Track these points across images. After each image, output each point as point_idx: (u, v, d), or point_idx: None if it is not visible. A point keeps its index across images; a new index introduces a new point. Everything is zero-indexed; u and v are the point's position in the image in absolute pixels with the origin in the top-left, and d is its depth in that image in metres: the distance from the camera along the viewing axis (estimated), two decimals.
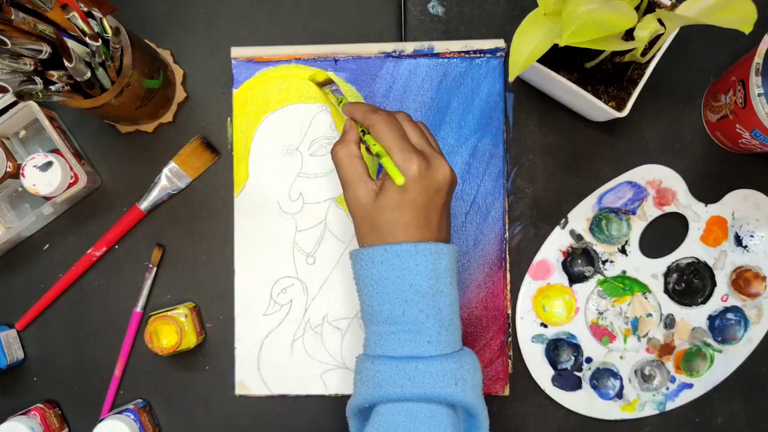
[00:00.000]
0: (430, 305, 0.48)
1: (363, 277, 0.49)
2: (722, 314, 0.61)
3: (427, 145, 0.50)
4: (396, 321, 0.48)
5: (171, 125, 0.64)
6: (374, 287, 0.49)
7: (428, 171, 0.48)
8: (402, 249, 0.48)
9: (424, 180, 0.48)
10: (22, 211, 0.64)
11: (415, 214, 0.48)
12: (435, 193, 0.49)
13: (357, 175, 0.50)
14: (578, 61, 0.55)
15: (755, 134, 0.54)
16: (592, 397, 0.61)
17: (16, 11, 0.46)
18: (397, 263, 0.48)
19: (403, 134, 0.49)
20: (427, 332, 0.48)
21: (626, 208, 0.61)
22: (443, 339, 0.48)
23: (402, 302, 0.48)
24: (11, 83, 0.49)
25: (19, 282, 0.64)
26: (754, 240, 0.61)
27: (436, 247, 0.48)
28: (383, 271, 0.48)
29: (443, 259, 0.49)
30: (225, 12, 0.64)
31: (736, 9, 0.45)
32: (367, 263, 0.49)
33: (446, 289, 0.49)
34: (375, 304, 0.49)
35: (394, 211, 0.48)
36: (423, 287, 0.48)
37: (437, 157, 0.49)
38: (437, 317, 0.48)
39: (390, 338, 0.48)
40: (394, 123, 0.50)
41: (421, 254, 0.48)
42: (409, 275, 0.48)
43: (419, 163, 0.47)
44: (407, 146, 0.48)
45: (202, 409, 0.63)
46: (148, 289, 0.63)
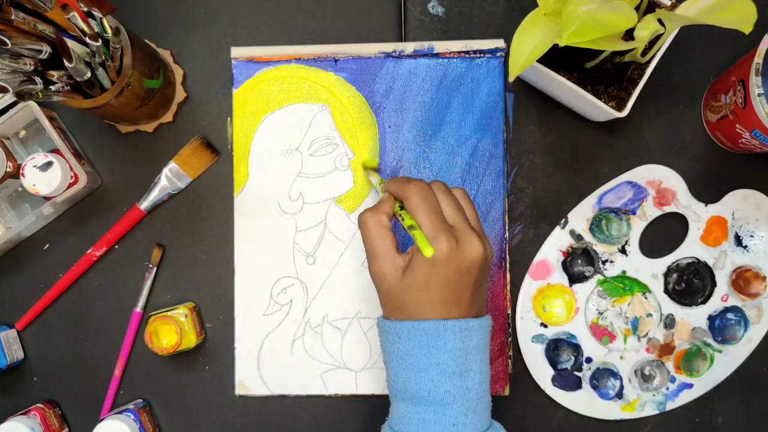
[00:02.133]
0: (457, 385, 0.46)
1: (389, 351, 0.48)
2: (722, 314, 0.61)
3: (462, 220, 0.48)
4: (421, 401, 0.47)
5: (171, 125, 0.64)
6: (400, 363, 0.47)
7: (457, 251, 0.46)
8: (430, 326, 0.46)
9: (452, 260, 0.46)
10: (22, 211, 0.64)
11: (442, 292, 0.47)
12: (465, 272, 0.47)
13: (386, 249, 0.48)
14: (578, 61, 0.55)
15: (755, 134, 0.54)
16: (592, 397, 0.61)
17: (16, 11, 0.46)
18: (424, 341, 0.46)
19: (437, 209, 0.47)
20: (453, 414, 0.46)
21: (626, 208, 0.61)
22: (470, 421, 0.47)
23: (428, 382, 0.46)
24: (11, 83, 0.49)
25: (19, 282, 0.64)
26: (754, 240, 0.61)
27: (466, 324, 0.47)
28: (410, 348, 0.47)
29: (474, 336, 0.47)
30: (225, 12, 0.64)
31: (736, 9, 0.45)
32: (393, 338, 0.48)
33: (476, 367, 0.48)
34: (401, 380, 0.48)
35: (421, 290, 0.47)
36: (451, 367, 0.46)
37: (469, 234, 0.47)
38: (464, 397, 0.47)
39: (414, 419, 0.47)
40: (429, 196, 0.48)
41: (450, 332, 0.46)
42: (437, 354, 0.46)
43: (448, 242, 0.46)
44: (439, 223, 0.46)
45: (202, 409, 0.63)
46: (148, 289, 0.63)
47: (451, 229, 0.47)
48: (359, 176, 0.63)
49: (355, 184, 0.63)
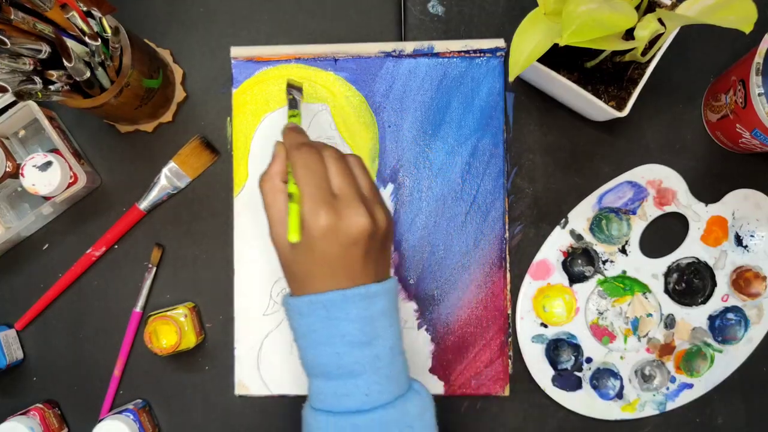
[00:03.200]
0: (365, 354, 0.45)
1: (294, 329, 0.47)
2: (722, 314, 0.61)
3: (349, 190, 0.46)
4: (331, 375, 0.46)
5: (170, 125, 0.64)
6: (306, 339, 0.46)
7: (338, 224, 0.44)
8: (328, 299, 0.45)
9: (332, 235, 0.44)
10: (21, 210, 0.64)
11: (329, 265, 0.45)
12: (351, 245, 0.45)
13: (279, 216, 0.46)
14: (578, 60, 0.55)
15: (755, 134, 0.54)
16: (592, 397, 0.61)
17: (15, 11, 0.46)
18: (324, 314, 0.45)
19: (322, 180, 0.45)
20: (365, 385, 0.45)
21: (626, 208, 0.61)
22: (384, 388, 0.46)
23: (334, 355, 0.45)
24: (10, 83, 0.49)
25: (18, 282, 0.64)
26: (754, 240, 0.61)
27: (367, 291, 0.45)
28: (312, 323, 0.45)
29: (378, 301, 0.46)
30: (225, 11, 0.64)
31: (737, 8, 0.45)
32: (295, 315, 0.46)
33: (384, 332, 0.46)
34: (309, 357, 0.47)
35: (308, 263, 0.45)
36: (356, 336, 0.45)
37: (352, 206, 0.45)
38: (374, 365, 0.45)
39: (327, 394, 0.46)
40: (314, 165, 0.46)
41: (350, 302, 0.45)
42: (340, 325, 0.45)
43: (327, 217, 0.44)
44: (321, 196, 0.45)
45: (202, 409, 0.63)
46: (148, 289, 0.63)
47: (334, 200, 0.45)
48: None
49: None
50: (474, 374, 0.62)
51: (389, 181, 0.63)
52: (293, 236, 0.44)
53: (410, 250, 0.62)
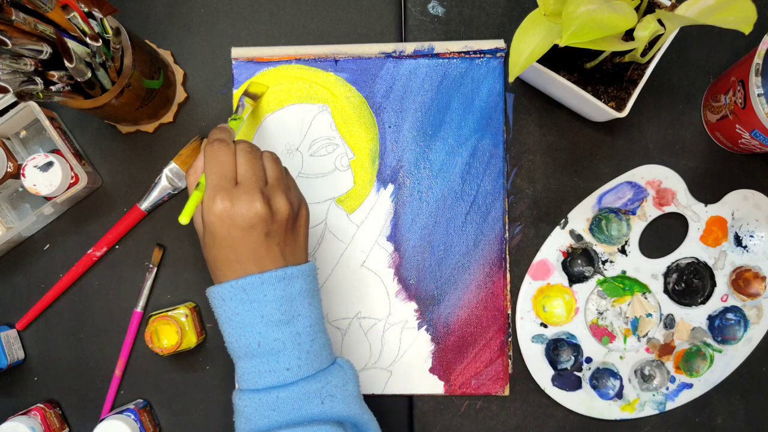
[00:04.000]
0: (285, 332, 0.48)
1: (218, 315, 0.49)
2: (722, 314, 0.61)
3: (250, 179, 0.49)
4: (254, 354, 0.48)
5: (171, 125, 0.64)
6: (228, 323, 0.49)
7: (233, 209, 0.47)
8: (247, 283, 0.48)
9: (228, 219, 0.47)
10: (22, 211, 0.64)
11: (233, 252, 0.48)
12: (248, 228, 0.47)
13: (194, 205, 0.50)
14: (578, 61, 0.55)
15: (755, 134, 0.54)
16: (592, 397, 0.61)
17: (16, 12, 0.46)
18: (244, 297, 0.48)
19: (226, 170, 0.48)
20: (286, 360, 0.48)
21: (626, 209, 0.61)
22: (304, 363, 0.48)
23: (256, 335, 0.48)
24: (12, 83, 0.49)
25: (19, 282, 0.64)
26: (753, 240, 0.61)
27: (284, 273, 0.48)
28: (233, 306, 0.48)
29: (296, 282, 0.49)
30: (225, 12, 0.64)
31: (736, 9, 0.45)
32: (218, 301, 0.49)
33: (304, 311, 0.49)
34: (233, 339, 0.49)
35: (215, 250, 0.48)
36: (275, 316, 0.48)
37: (247, 193, 0.48)
38: (295, 342, 0.48)
39: (251, 372, 0.49)
40: (223, 157, 0.49)
41: (267, 284, 0.48)
42: (259, 307, 0.48)
43: (222, 203, 0.47)
44: (221, 184, 0.48)
45: (202, 409, 0.63)
46: (149, 289, 0.63)
47: (233, 188, 0.48)
48: (359, 176, 0.63)
49: (356, 184, 0.63)
50: (474, 374, 0.62)
51: (389, 181, 0.63)
52: (183, 218, 0.48)
53: (410, 250, 0.62)
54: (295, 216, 0.51)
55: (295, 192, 0.52)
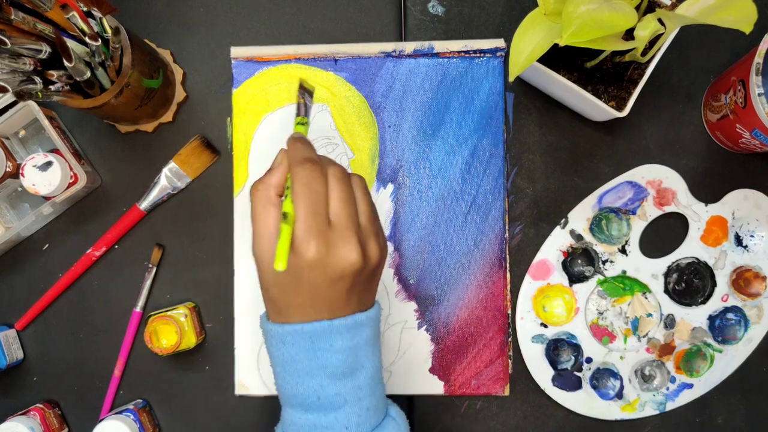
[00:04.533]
0: (347, 386, 0.43)
1: (274, 355, 0.45)
2: (722, 314, 0.61)
3: (346, 218, 0.42)
4: (311, 407, 0.44)
5: (171, 125, 0.64)
6: (286, 368, 0.44)
7: (328, 257, 0.41)
8: (314, 329, 0.42)
9: (320, 267, 0.41)
10: (21, 210, 0.64)
11: (311, 299, 0.42)
12: (337, 279, 0.42)
13: (268, 230, 0.42)
14: (578, 60, 0.55)
15: (755, 134, 0.54)
16: (592, 397, 0.61)
17: (15, 11, 0.46)
18: (309, 345, 0.42)
19: (320, 205, 0.41)
20: (345, 417, 0.43)
21: (626, 208, 0.61)
22: (363, 420, 0.44)
23: (317, 387, 0.43)
24: (11, 83, 0.49)
25: (18, 282, 0.64)
26: (754, 240, 0.61)
27: (354, 321, 0.43)
28: (295, 353, 0.43)
29: (363, 331, 0.44)
30: (225, 12, 0.64)
31: (737, 9, 0.45)
32: (277, 342, 0.44)
33: (367, 362, 0.44)
34: (288, 385, 0.44)
35: (290, 290, 0.42)
36: (340, 368, 0.43)
37: (346, 238, 0.42)
38: (356, 397, 0.44)
39: (304, 426, 0.44)
40: (317, 187, 0.42)
41: (336, 333, 0.42)
42: (324, 356, 0.43)
43: (317, 249, 0.40)
44: (314, 224, 0.41)
45: (202, 409, 0.63)
46: (148, 289, 0.63)
47: (328, 230, 0.41)
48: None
49: None
50: (474, 374, 0.62)
51: (389, 181, 0.63)
52: (280, 264, 0.39)
53: (410, 250, 0.62)
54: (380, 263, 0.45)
55: (383, 234, 0.46)
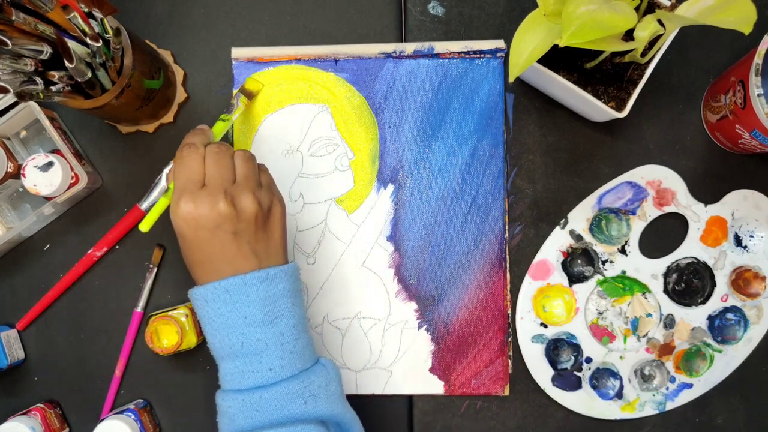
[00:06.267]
0: (268, 333, 0.48)
1: (201, 317, 0.49)
2: (722, 314, 0.61)
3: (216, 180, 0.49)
4: (237, 354, 0.48)
5: (172, 125, 0.64)
6: (211, 324, 0.49)
7: (196, 210, 0.48)
8: (230, 284, 0.48)
9: (193, 221, 0.48)
10: (22, 211, 0.64)
11: (202, 253, 0.49)
12: (214, 229, 0.48)
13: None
14: (578, 61, 0.55)
15: (755, 134, 0.54)
16: (592, 397, 0.61)
17: (16, 12, 0.46)
18: (227, 298, 0.48)
19: (192, 174, 0.49)
20: (269, 360, 0.48)
21: (626, 209, 0.61)
22: (287, 363, 0.49)
23: (239, 335, 0.48)
24: (12, 83, 0.49)
25: (19, 282, 0.64)
26: (753, 240, 0.61)
27: (267, 274, 0.48)
28: (216, 307, 0.48)
29: (279, 283, 0.49)
30: (225, 13, 0.64)
31: (736, 9, 0.45)
32: (200, 302, 0.49)
33: (287, 311, 0.49)
34: (216, 340, 0.49)
35: (188, 253, 0.49)
36: (258, 317, 0.48)
37: (213, 194, 0.48)
38: (278, 342, 0.49)
39: (234, 372, 0.49)
40: (190, 161, 0.49)
41: (250, 284, 0.48)
42: (242, 308, 0.48)
43: (185, 205, 0.48)
44: (186, 187, 0.48)
45: (202, 409, 0.63)
46: (149, 290, 0.63)
47: (198, 191, 0.48)
48: (359, 176, 0.63)
49: (355, 184, 0.63)
50: (474, 374, 0.62)
51: (389, 181, 0.63)
52: (143, 226, 0.51)
53: (410, 250, 0.62)
54: (265, 214, 0.50)
55: (267, 190, 0.51)
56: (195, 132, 0.53)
